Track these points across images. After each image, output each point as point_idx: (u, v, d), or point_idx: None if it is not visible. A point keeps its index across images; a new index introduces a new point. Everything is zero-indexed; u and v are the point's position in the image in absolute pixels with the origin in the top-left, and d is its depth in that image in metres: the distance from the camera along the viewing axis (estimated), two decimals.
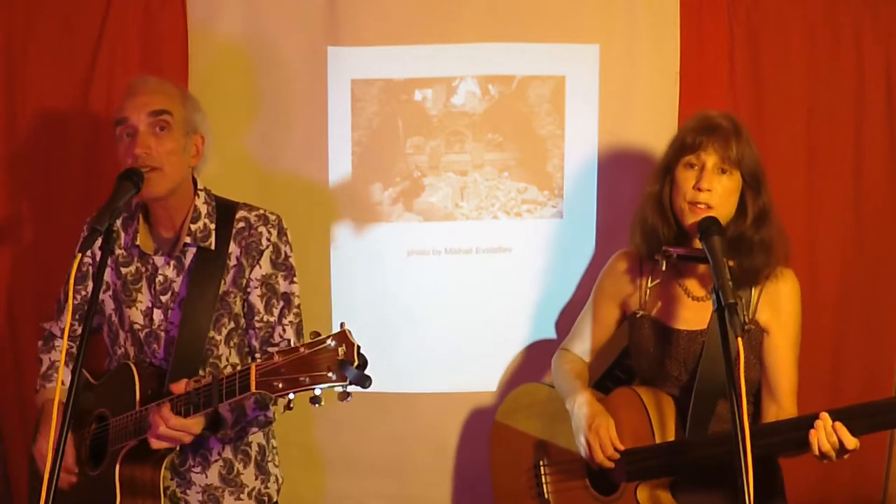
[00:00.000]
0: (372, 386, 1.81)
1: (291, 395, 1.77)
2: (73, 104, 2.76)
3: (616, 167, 2.73)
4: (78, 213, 2.77)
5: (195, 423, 2.03)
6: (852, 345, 2.77)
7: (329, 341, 1.74)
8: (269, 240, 2.24)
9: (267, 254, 2.24)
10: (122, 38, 2.73)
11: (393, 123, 2.75)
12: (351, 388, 1.74)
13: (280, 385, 1.77)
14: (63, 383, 2.29)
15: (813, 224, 2.75)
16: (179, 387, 2.01)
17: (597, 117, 2.73)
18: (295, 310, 2.26)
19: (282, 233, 2.27)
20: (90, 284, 2.31)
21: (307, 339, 1.79)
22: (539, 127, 2.74)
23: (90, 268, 2.31)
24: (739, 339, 1.78)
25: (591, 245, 2.76)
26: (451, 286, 2.78)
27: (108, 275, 2.26)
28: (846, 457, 1.97)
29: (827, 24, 2.70)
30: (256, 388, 1.80)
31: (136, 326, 2.24)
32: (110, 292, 2.28)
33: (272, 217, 2.27)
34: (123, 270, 2.26)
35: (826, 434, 1.94)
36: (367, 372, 1.74)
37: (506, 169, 2.75)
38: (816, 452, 1.96)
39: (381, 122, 2.74)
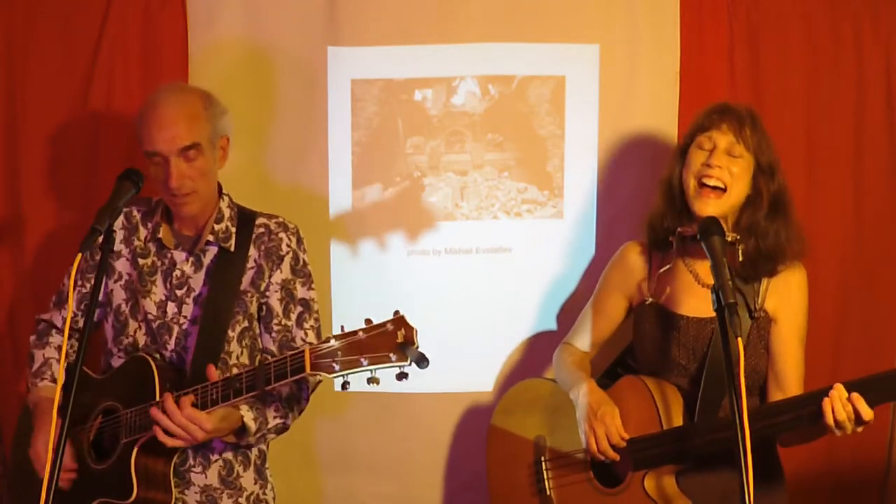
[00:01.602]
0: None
1: (347, 377, 1.87)
2: (73, 104, 2.76)
3: (616, 167, 2.73)
4: (78, 212, 2.78)
5: (207, 419, 2.04)
6: (852, 344, 2.77)
7: (388, 325, 1.86)
8: (289, 246, 2.30)
9: (287, 259, 2.29)
10: (122, 38, 2.73)
11: (393, 123, 2.75)
12: (407, 369, 1.86)
13: (337, 367, 1.87)
14: (55, 380, 2.30)
15: (813, 224, 2.74)
16: (213, 374, 2.06)
17: (597, 117, 2.73)
18: (315, 315, 2.32)
19: (300, 241, 2.33)
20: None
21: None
22: (539, 127, 2.74)
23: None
24: (740, 339, 1.78)
25: (591, 245, 2.76)
26: (451, 286, 2.78)
27: (124, 265, 2.30)
28: (860, 430, 1.97)
29: (827, 24, 2.70)
30: (312, 370, 1.89)
31: (150, 316, 2.27)
32: (122, 282, 2.30)
33: (291, 225, 2.33)
34: (140, 262, 2.29)
35: (841, 403, 1.93)
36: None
37: (506, 169, 2.75)
38: (831, 422, 1.94)
39: (381, 122, 2.75)
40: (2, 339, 2.83)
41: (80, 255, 1.93)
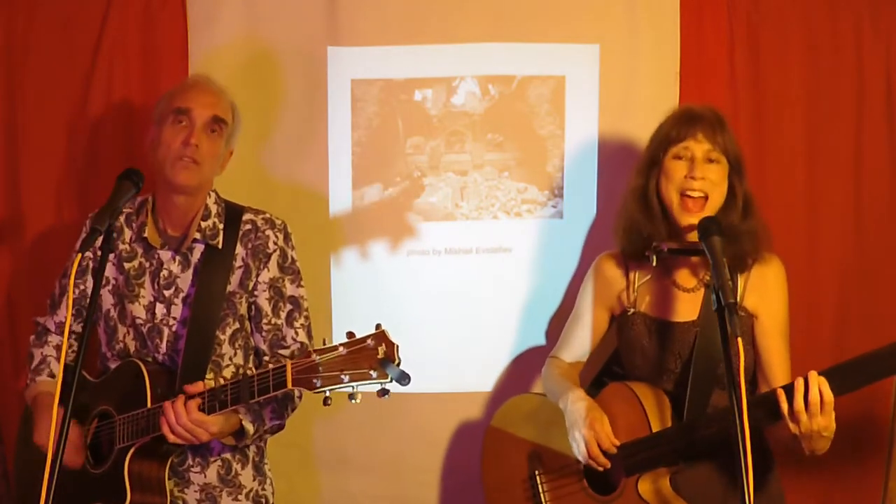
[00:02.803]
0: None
1: (328, 392, 1.86)
2: (73, 104, 2.76)
3: (616, 167, 2.73)
4: (78, 212, 2.78)
5: (214, 422, 2.05)
6: (852, 344, 2.76)
7: (369, 341, 1.83)
8: (275, 244, 2.29)
9: (274, 258, 2.28)
10: (122, 38, 2.73)
11: (393, 123, 2.75)
12: (388, 386, 1.84)
13: (318, 383, 1.85)
14: (53, 376, 2.30)
15: (813, 224, 2.75)
16: (196, 388, 2.05)
17: (597, 117, 2.73)
18: (305, 313, 2.32)
19: (287, 237, 2.32)
20: (89, 279, 2.32)
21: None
22: (539, 127, 2.74)
23: (90, 262, 2.33)
24: (740, 339, 1.78)
25: (590, 245, 2.75)
26: (451, 286, 2.78)
27: (110, 270, 2.29)
28: (818, 427, 1.93)
29: (827, 23, 2.70)
30: (293, 385, 1.88)
31: (139, 321, 2.26)
32: (110, 287, 2.29)
33: (278, 222, 2.32)
34: (126, 265, 2.28)
35: (817, 385, 1.91)
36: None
37: (506, 169, 2.75)
38: (800, 404, 1.91)
39: (381, 122, 2.74)
40: (2, 339, 2.83)
41: (79, 256, 1.93)
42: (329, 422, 2.79)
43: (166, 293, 2.25)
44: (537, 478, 2.39)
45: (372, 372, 1.82)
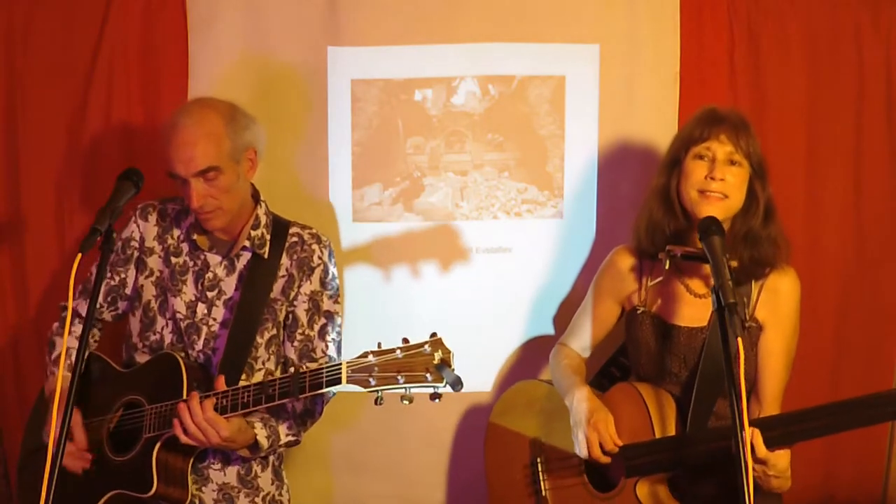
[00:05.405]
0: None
1: (381, 392, 1.94)
2: (72, 105, 2.76)
3: (616, 167, 2.73)
4: (78, 212, 2.78)
5: (226, 425, 2.07)
6: (852, 345, 2.77)
7: (426, 346, 1.93)
8: (320, 258, 2.34)
9: (318, 272, 2.33)
10: (122, 38, 2.73)
11: (393, 123, 2.75)
12: (441, 390, 1.93)
13: (373, 382, 1.93)
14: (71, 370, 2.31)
15: (813, 224, 2.75)
16: (220, 383, 2.10)
17: (597, 117, 2.73)
18: (337, 328, 2.36)
19: (331, 254, 2.38)
20: (131, 268, 2.35)
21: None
22: (539, 127, 2.74)
23: (135, 251, 2.36)
24: (740, 339, 1.78)
25: (590, 245, 2.76)
26: (451, 286, 2.78)
27: (156, 262, 2.33)
28: (770, 473, 1.95)
29: (827, 24, 2.70)
30: (348, 382, 1.94)
31: (179, 316, 2.29)
32: (153, 278, 2.33)
33: (324, 238, 2.38)
34: (173, 260, 2.32)
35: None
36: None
37: (506, 169, 2.75)
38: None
39: (381, 122, 2.75)
40: (2, 340, 2.83)
41: (80, 255, 1.94)
42: (337, 423, 2.79)
43: (209, 294, 2.29)
44: (538, 465, 2.39)
45: (428, 375, 1.91)
